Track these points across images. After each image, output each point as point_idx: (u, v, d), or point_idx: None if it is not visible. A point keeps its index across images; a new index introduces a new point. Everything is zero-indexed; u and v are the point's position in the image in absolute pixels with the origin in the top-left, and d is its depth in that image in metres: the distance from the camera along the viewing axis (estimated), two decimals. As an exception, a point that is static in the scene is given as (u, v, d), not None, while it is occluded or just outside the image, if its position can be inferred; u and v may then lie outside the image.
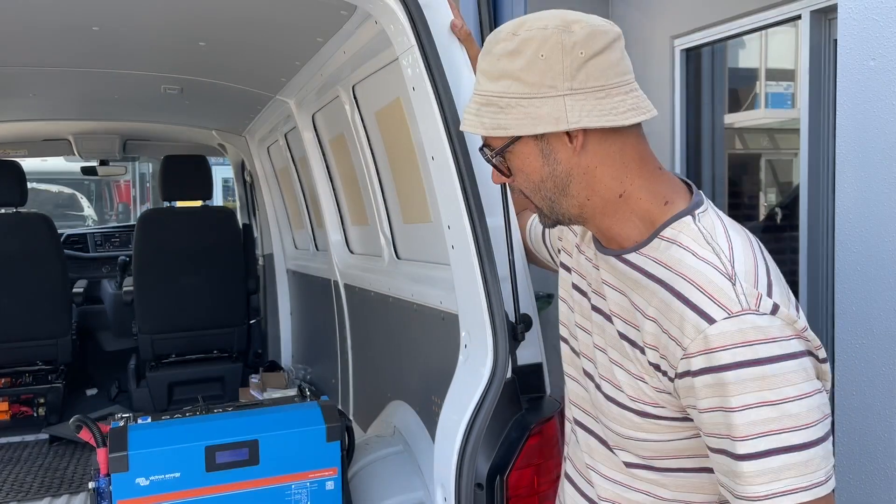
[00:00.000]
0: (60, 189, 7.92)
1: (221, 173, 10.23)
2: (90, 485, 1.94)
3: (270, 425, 2.03)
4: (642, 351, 1.10)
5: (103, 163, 4.99)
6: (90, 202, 8.35)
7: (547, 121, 1.05)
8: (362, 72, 2.37)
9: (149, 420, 2.05)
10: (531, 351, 1.73)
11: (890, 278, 1.90)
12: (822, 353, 1.03)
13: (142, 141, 4.86)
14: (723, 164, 4.32)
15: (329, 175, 3.20)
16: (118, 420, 2.04)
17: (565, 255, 1.39)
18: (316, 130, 3.14)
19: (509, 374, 1.65)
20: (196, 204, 4.41)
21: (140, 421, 2.04)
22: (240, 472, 1.98)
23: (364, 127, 2.60)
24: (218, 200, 10.74)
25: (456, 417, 1.65)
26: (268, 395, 3.82)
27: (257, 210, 4.96)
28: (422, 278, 2.33)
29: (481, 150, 1.17)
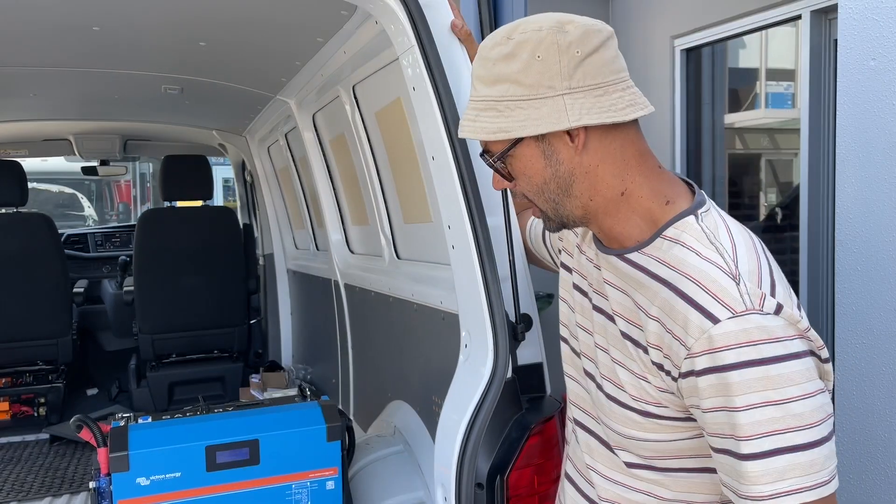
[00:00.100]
0: (61, 189, 7.91)
1: (222, 173, 10.22)
2: (91, 484, 1.94)
3: (271, 425, 2.03)
4: (645, 350, 1.10)
5: (104, 163, 4.98)
6: (91, 202, 8.34)
7: (548, 121, 1.06)
8: (363, 72, 2.37)
9: (149, 420, 2.05)
10: (531, 351, 1.73)
11: (890, 278, 1.90)
12: (824, 353, 1.03)
13: (142, 141, 4.86)
14: (723, 164, 4.32)
15: (329, 175, 3.20)
16: (119, 420, 2.04)
17: (566, 256, 1.39)
18: (316, 130, 3.14)
19: (510, 373, 1.65)
20: (196, 204, 4.42)
21: (141, 421, 2.04)
22: (240, 471, 1.98)
23: (364, 127, 2.60)
24: (218, 200, 10.73)
25: (456, 417, 1.65)
26: (268, 395, 3.81)
27: (258, 210, 4.96)
28: (422, 278, 2.34)
29: (482, 156, 1.17)
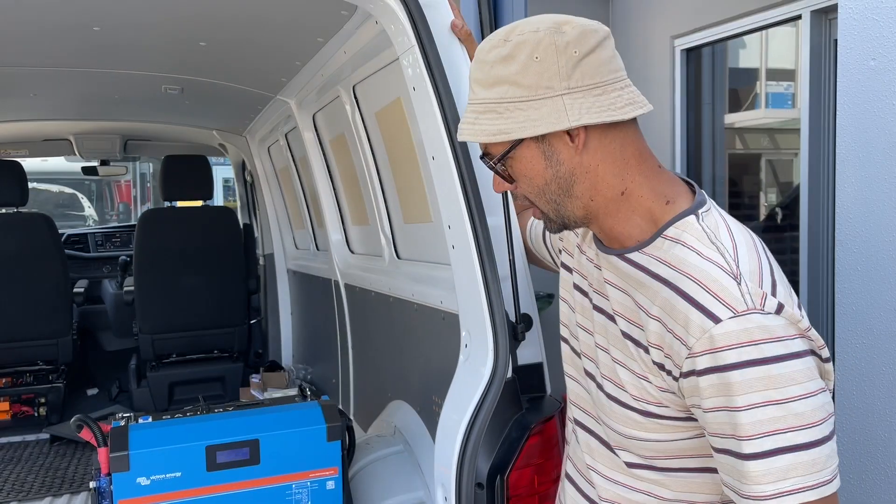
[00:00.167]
0: (61, 189, 7.91)
1: (222, 173, 10.22)
2: (91, 484, 1.94)
3: (271, 425, 2.04)
4: (646, 350, 1.10)
5: (104, 163, 4.99)
6: (91, 202, 8.34)
7: (547, 121, 1.06)
8: (363, 72, 2.37)
9: (150, 420, 2.05)
10: (532, 350, 1.73)
11: (890, 278, 1.90)
12: (825, 353, 1.03)
13: (142, 141, 4.86)
14: (723, 164, 4.32)
15: (329, 175, 3.20)
16: (119, 420, 2.04)
17: (566, 256, 1.39)
18: (316, 130, 3.14)
19: (510, 373, 1.65)
20: (197, 204, 4.42)
21: (141, 420, 2.04)
22: (240, 471, 1.99)
23: (365, 127, 2.60)
24: (219, 200, 10.73)
25: (456, 417, 1.65)
26: (268, 395, 3.81)
27: (258, 210, 4.96)
28: (422, 278, 2.34)
29: (482, 158, 1.17)
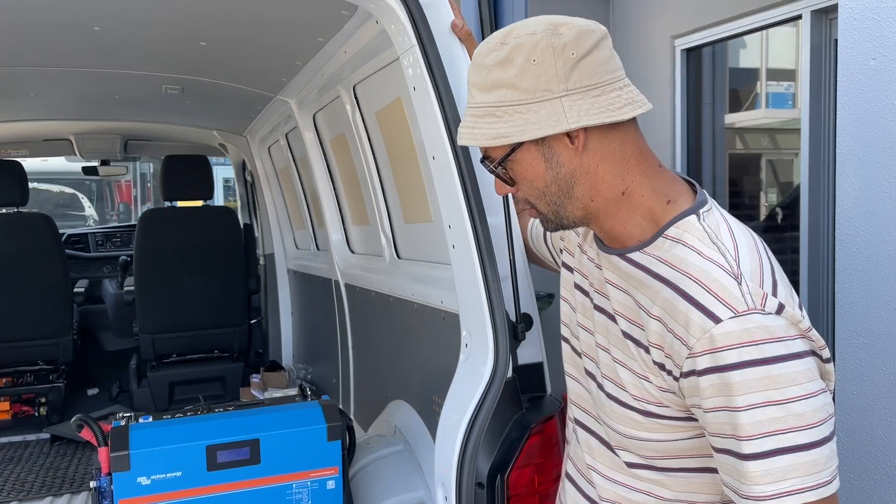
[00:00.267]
0: (61, 189, 7.92)
1: (222, 173, 10.21)
2: (92, 484, 1.94)
3: (271, 424, 2.04)
4: (647, 350, 1.10)
5: (104, 163, 4.99)
6: (91, 202, 8.34)
7: (546, 124, 1.05)
8: (363, 71, 2.37)
9: (150, 419, 2.05)
10: (532, 350, 1.73)
11: (890, 278, 1.90)
12: (825, 353, 1.03)
13: (143, 141, 4.86)
14: (723, 164, 4.32)
15: (330, 175, 3.21)
16: (119, 419, 2.04)
17: (567, 255, 1.39)
18: (317, 130, 3.14)
19: (510, 373, 1.66)
20: (197, 204, 4.42)
21: (141, 420, 2.04)
22: (241, 471, 1.99)
23: (365, 127, 2.60)
24: (219, 200, 10.73)
25: (457, 417, 1.65)
26: (269, 395, 3.81)
27: (258, 210, 4.96)
28: (423, 278, 2.34)
29: (482, 162, 1.17)
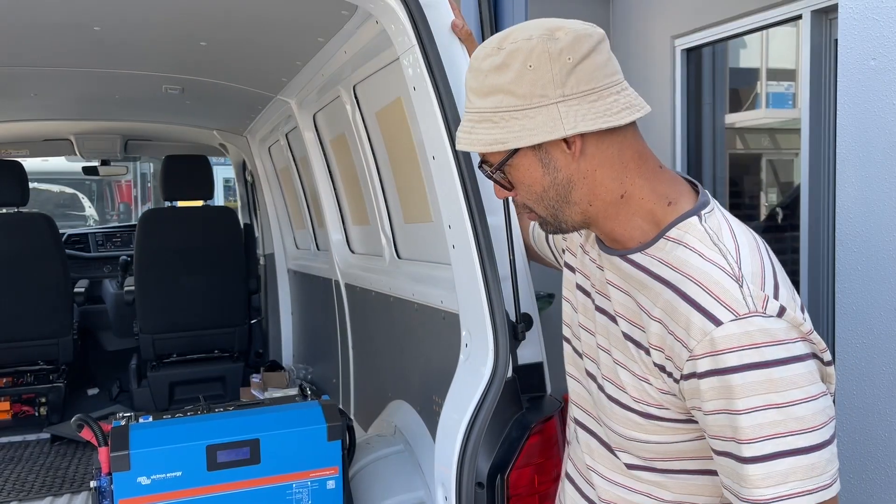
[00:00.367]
0: (62, 189, 7.92)
1: (223, 173, 10.22)
2: (92, 484, 1.94)
3: (271, 424, 2.04)
4: (647, 352, 1.10)
5: (105, 163, 4.99)
6: (91, 202, 8.34)
7: (543, 130, 1.05)
8: (363, 71, 2.38)
9: (150, 419, 2.05)
10: (532, 350, 1.73)
11: (890, 278, 1.90)
12: (826, 356, 1.03)
13: (143, 141, 4.86)
14: (723, 164, 4.32)
15: (330, 175, 3.21)
16: (120, 419, 2.04)
17: (569, 255, 1.38)
18: (317, 130, 3.14)
19: (510, 373, 1.66)
20: (197, 204, 4.42)
21: (141, 420, 2.04)
22: (241, 471, 1.99)
23: (365, 127, 2.60)
24: (219, 200, 10.73)
25: (457, 416, 1.65)
26: (269, 395, 3.81)
27: (258, 210, 4.96)
28: (423, 278, 2.34)
29: (480, 166, 1.17)
